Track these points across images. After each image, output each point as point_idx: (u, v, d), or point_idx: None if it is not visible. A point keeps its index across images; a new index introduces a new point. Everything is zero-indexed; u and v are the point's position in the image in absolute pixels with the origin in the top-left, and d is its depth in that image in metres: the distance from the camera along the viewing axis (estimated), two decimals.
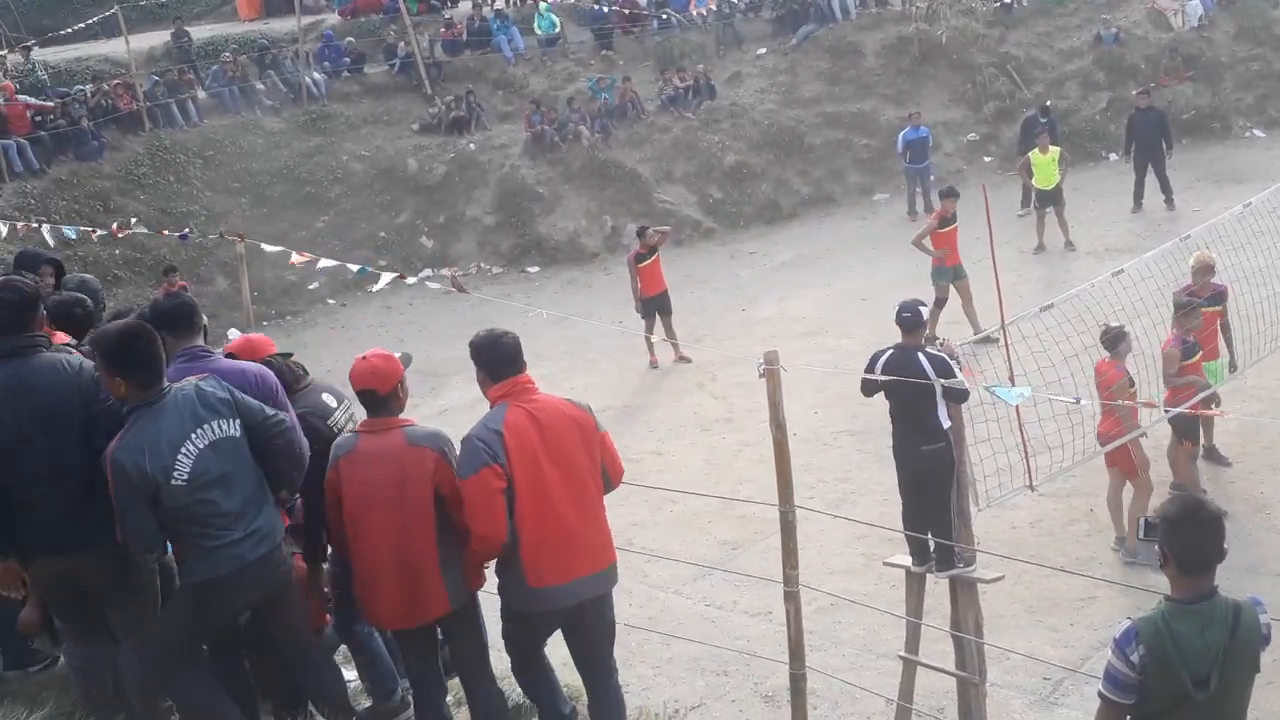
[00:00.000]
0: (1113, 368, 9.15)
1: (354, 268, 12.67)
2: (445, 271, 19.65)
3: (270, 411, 4.70)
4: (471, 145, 22.17)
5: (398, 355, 5.11)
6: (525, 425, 4.84)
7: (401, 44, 23.83)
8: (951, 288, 14.26)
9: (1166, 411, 8.97)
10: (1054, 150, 17.53)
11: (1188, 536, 3.65)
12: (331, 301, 19.59)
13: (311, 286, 19.29)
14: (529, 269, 20.58)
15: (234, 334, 16.49)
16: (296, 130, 22.25)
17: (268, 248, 12.59)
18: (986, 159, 22.46)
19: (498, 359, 4.98)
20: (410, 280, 11.85)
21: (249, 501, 4.59)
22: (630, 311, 15.47)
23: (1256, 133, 22.46)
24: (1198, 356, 9.65)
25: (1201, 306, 9.76)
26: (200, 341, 5.09)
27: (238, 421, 4.57)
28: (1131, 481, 9.28)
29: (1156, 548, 3.77)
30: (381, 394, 4.89)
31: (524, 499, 4.79)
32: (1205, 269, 10.26)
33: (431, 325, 17.44)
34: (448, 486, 4.80)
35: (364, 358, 4.96)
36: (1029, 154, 17.90)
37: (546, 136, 21.85)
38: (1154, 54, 23.42)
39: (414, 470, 4.79)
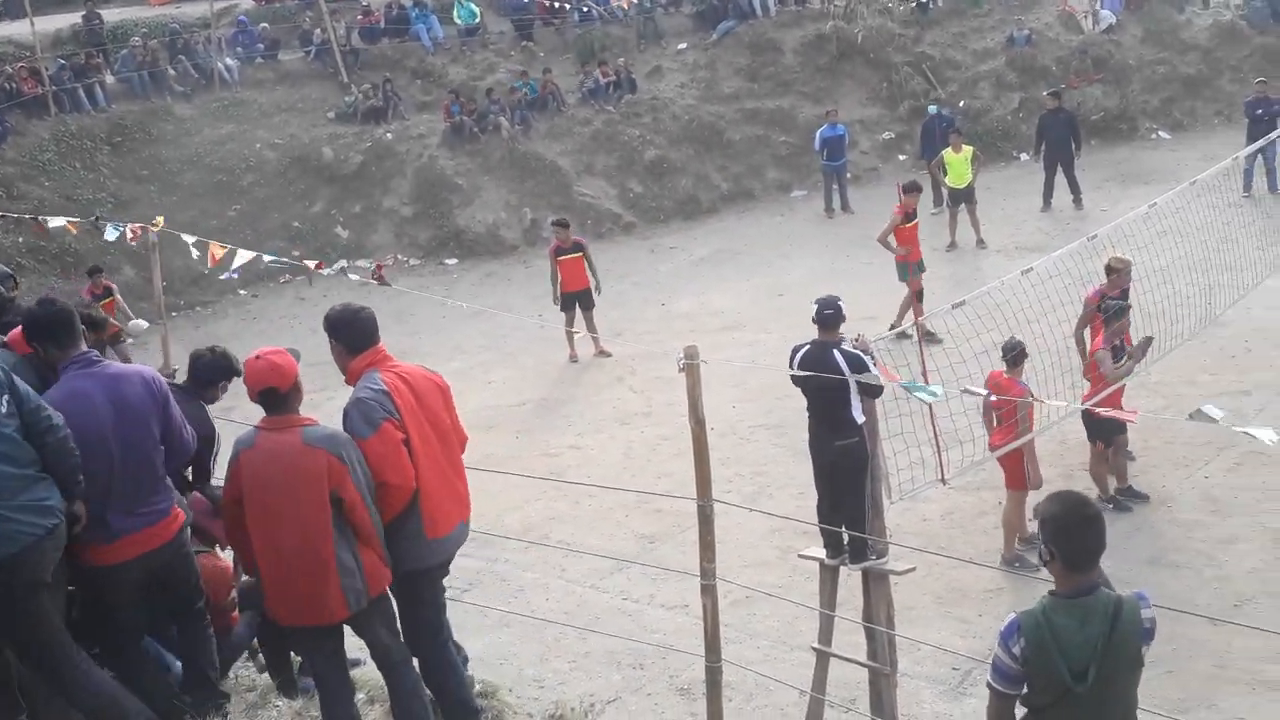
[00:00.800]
0: (1013, 384, 9.12)
1: (269, 258, 12.41)
2: (364, 262, 19.38)
3: (46, 410, 4.54)
4: (388, 134, 21.90)
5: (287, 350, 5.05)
6: (401, 387, 5.03)
7: (318, 30, 23.47)
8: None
9: (1089, 412, 9.01)
10: (967, 149, 17.86)
11: (1072, 533, 3.72)
12: (243, 293, 19.24)
13: (223, 277, 18.90)
14: (447, 261, 20.41)
15: (140, 325, 16.13)
16: (208, 117, 21.78)
17: (187, 238, 12.29)
18: (901, 157, 22.81)
19: (358, 333, 5.14)
20: (327, 271, 11.65)
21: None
22: (550, 305, 15.42)
23: (1162, 135, 23.11)
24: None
25: (1127, 307, 9.93)
26: (84, 348, 4.93)
27: (6, 398, 4.45)
28: (1011, 492, 9.28)
29: (1041, 544, 3.83)
30: (283, 391, 4.82)
31: (417, 451, 4.97)
32: (1124, 271, 10.48)
33: None
34: (343, 490, 4.74)
35: (257, 357, 4.87)
36: (942, 152, 18.22)
37: (465, 127, 21.67)
38: (1065, 56, 23.97)
39: (308, 471, 4.72)
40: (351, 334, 5.12)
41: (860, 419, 7.35)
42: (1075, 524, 3.73)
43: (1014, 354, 9.26)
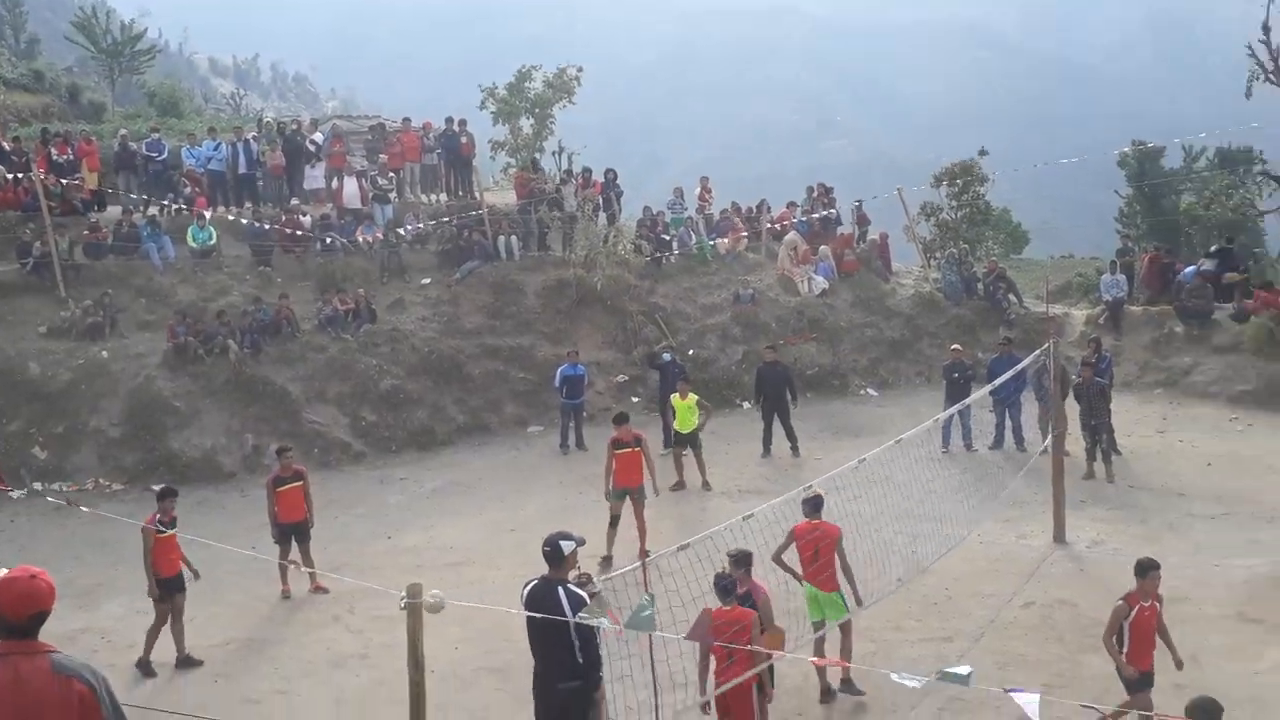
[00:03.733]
0: (743, 612, 9.13)
1: None
2: (60, 485, 17.91)
3: None
4: (104, 352, 20.78)
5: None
6: None
7: (38, 243, 22.33)
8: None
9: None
10: (692, 396, 18.64)
11: None
12: None
13: None
14: (155, 486, 19.09)
15: None
16: None
17: None
18: (634, 399, 23.53)
19: None
20: (16, 494, 10.66)
21: None
22: (266, 536, 14.61)
23: (870, 391, 24.92)
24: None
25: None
26: None
27: None
28: None
29: None
30: (47, 612, 4.51)
31: None
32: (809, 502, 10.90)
33: (34, 546, 15.71)
34: None
35: (15, 578, 4.47)
36: (671, 396, 18.95)
37: (190, 348, 20.85)
38: (784, 315, 25.75)
39: (57, 701, 4.31)
40: None
41: (586, 661, 7.17)
42: None
43: (742, 557, 9.45)
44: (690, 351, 24.45)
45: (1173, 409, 21.63)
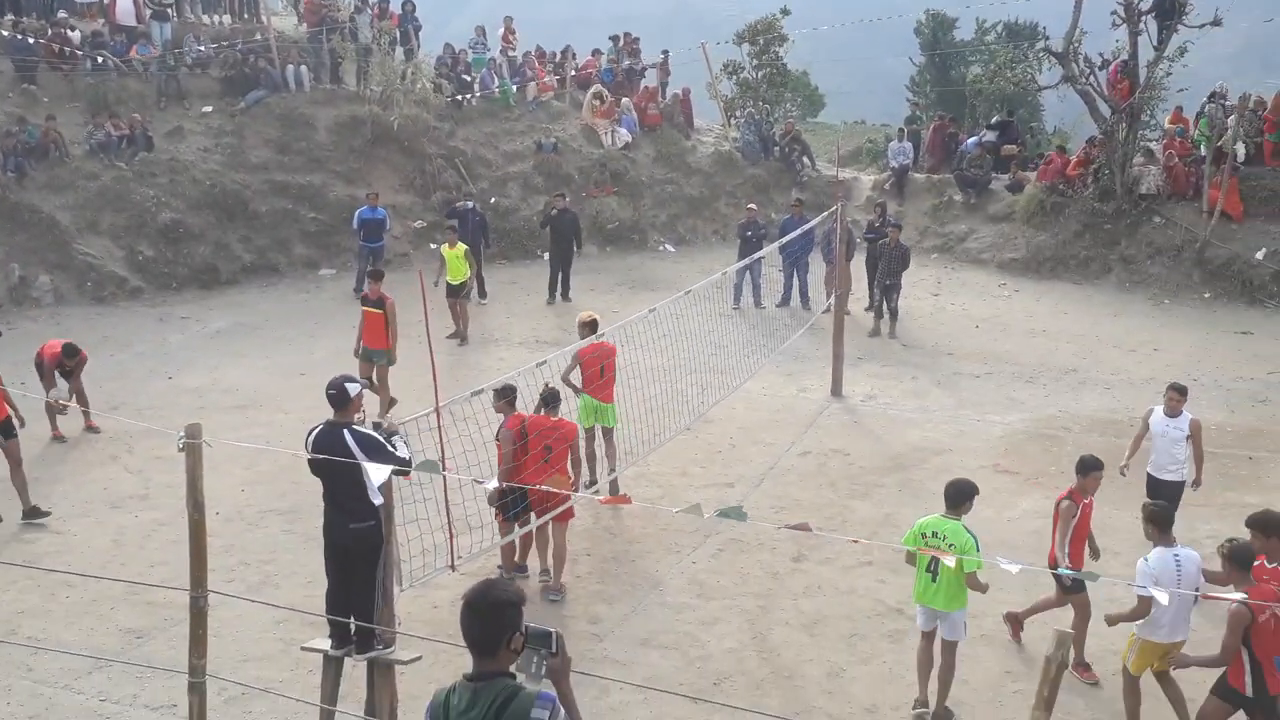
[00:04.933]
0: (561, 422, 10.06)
1: None
2: None
3: None
4: None
5: None
6: None
7: None
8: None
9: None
10: (461, 246, 18.26)
11: (461, 617, 3.87)
12: None
13: None
14: None
15: None
16: None
17: None
18: (432, 245, 23.13)
19: None
20: None
21: None
22: (33, 372, 13.87)
23: (668, 247, 25.27)
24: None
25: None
26: None
27: None
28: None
29: None
30: None
31: None
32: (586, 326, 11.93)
33: None
34: None
35: None
36: (440, 247, 18.58)
37: None
38: (586, 166, 25.63)
39: None
40: None
41: (378, 501, 7.21)
42: (463, 609, 3.86)
43: (550, 395, 10.07)
44: (492, 200, 24.11)
45: (948, 273, 22.86)
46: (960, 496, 8.07)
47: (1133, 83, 22.07)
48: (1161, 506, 8.04)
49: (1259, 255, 20.55)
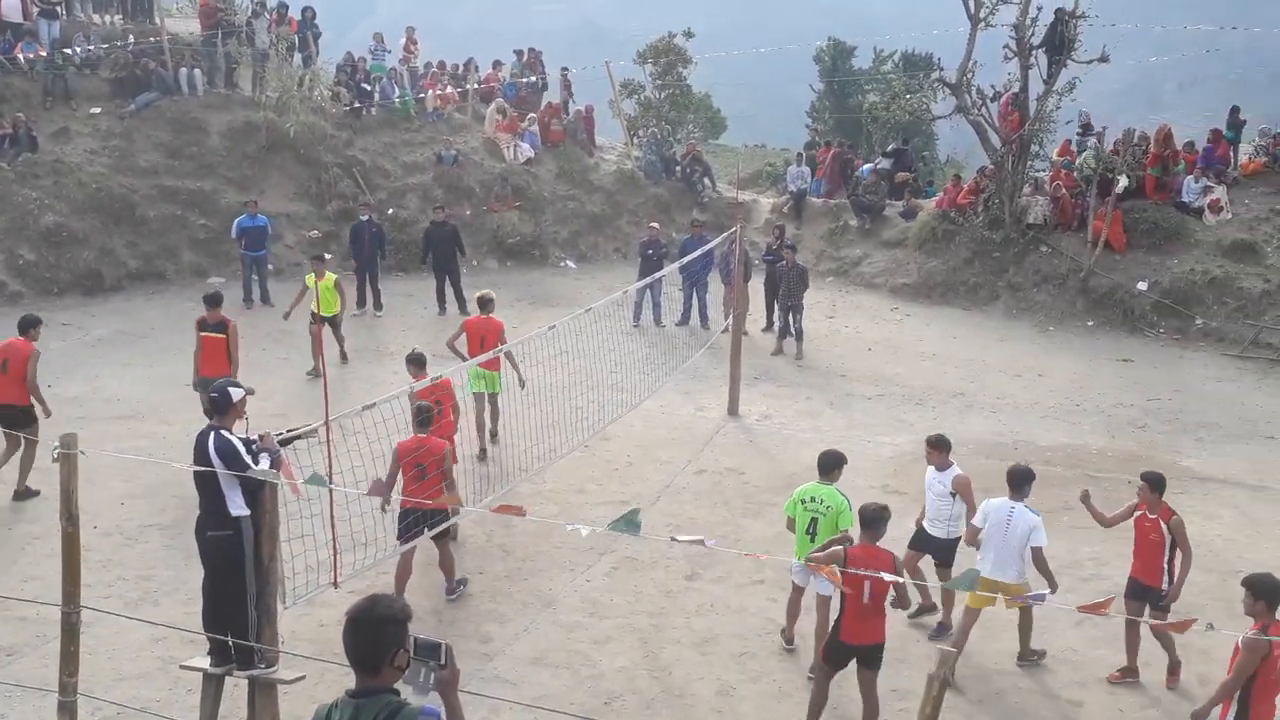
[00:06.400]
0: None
1: None
2: None
3: None
4: None
5: None
6: None
7: None
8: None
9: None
10: (330, 276, 17.12)
11: (344, 634, 3.81)
12: None
13: None
14: None
15: None
16: None
17: None
18: (328, 255, 22.63)
19: None
20: None
21: None
22: None
23: (569, 264, 25.23)
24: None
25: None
26: None
27: None
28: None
29: None
30: None
31: None
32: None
33: None
34: None
35: None
36: (307, 277, 17.25)
37: None
38: (487, 180, 25.44)
39: None
40: None
41: (238, 512, 7.09)
42: (346, 624, 3.80)
43: (422, 414, 9.93)
44: (390, 211, 23.80)
45: (842, 296, 23.25)
46: (831, 464, 9.22)
47: (1023, 115, 22.75)
48: (1013, 468, 9.16)
49: (1141, 286, 21.30)
